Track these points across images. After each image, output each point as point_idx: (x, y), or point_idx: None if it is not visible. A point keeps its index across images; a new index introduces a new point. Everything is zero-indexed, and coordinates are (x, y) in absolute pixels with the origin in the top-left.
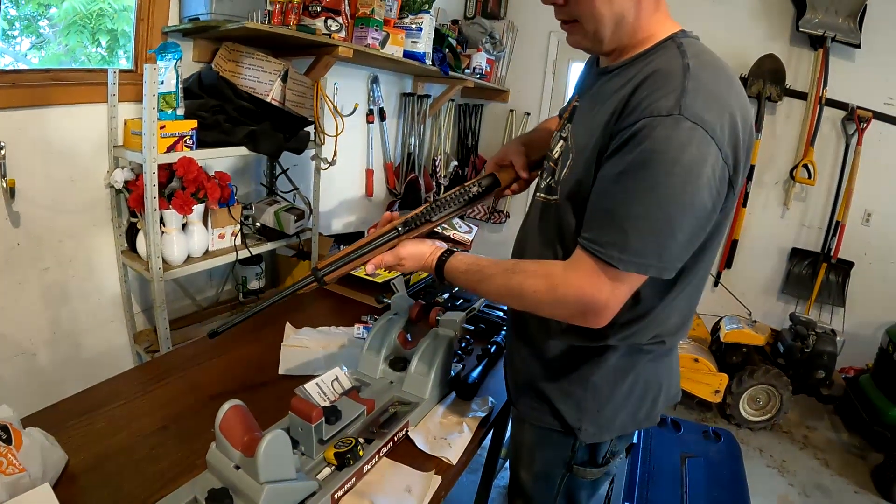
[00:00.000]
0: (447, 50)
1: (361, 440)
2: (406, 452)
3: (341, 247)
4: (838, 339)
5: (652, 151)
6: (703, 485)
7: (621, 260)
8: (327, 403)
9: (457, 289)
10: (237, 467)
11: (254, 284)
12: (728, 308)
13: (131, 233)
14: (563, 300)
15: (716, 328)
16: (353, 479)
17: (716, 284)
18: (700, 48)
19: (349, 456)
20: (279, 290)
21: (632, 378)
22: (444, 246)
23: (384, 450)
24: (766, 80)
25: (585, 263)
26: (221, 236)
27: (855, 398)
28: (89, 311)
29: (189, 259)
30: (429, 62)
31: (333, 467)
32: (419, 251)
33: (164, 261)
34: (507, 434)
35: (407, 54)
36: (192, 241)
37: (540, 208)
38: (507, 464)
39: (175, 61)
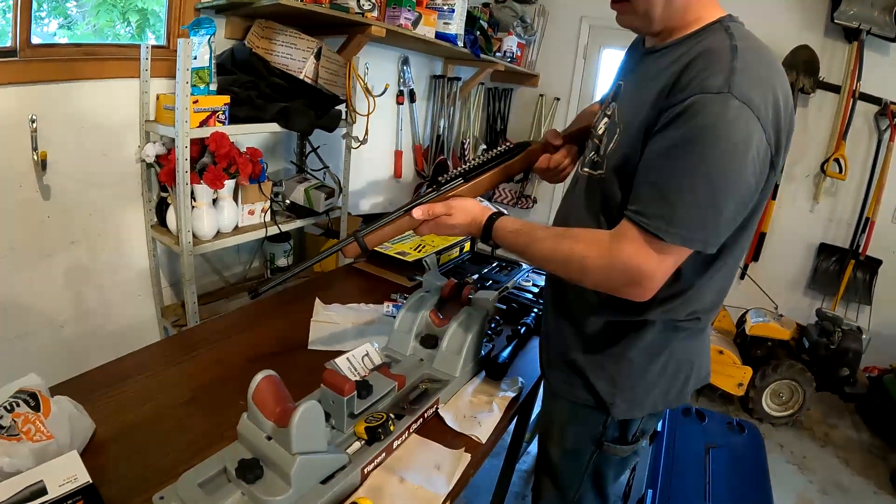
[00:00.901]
0: (478, 33)
1: (392, 416)
2: (435, 430)
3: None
4: (864, 336)
5: (702, 127)
6: (726, 475)
7: (668, 232)
8: (358, 378)
9: (487, 269)
10: (269, 438)
11: (282, 262)
12: (754, 301)
13: (161, 207)
14: (611, 268)
15: (741, 320)
16: (383, 454)
17: (742, 276)
18: (746, 32)
19: (380, 430)
20: (319, 252)
21: (666, 356)
22: (492, 208)
23: (414, 426)
24: (800, 71)
25: (633, 234)
26: (251, 212)
27: (878, 398)
28: (117, 285)
29: (219, 234)
30: (460, 44)
31: (363, 442)
32: (470, 204)
33: (193, 235)
34: (534, 415)
35: (439, 35)
36: (223, 217)
37: (585, 183)
38: (535, 441)
39: (209, 37)
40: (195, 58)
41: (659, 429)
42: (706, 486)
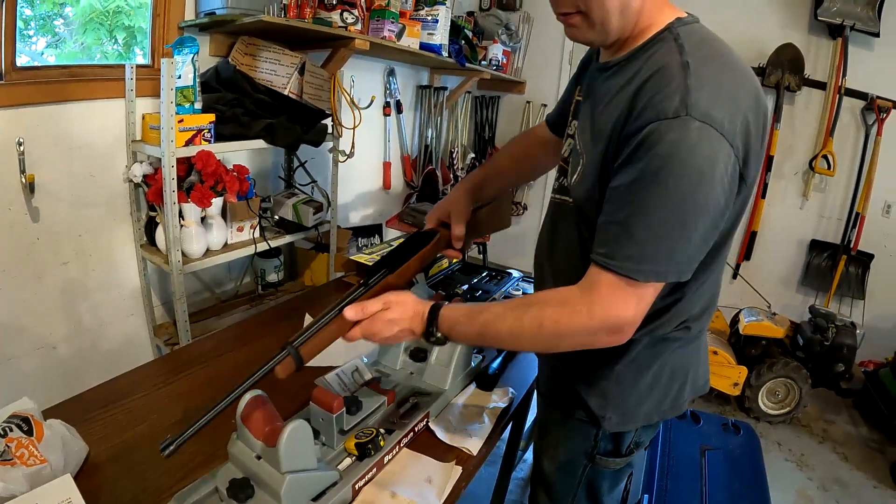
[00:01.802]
0: (463, 42)
1: (382, 431)
2: (427, 443)
3: (359, 239)
4: (858, 331)
5: (663, 157)
6: (723, 478)
7: (640, 272)
8: (348, 394)
9: (477, 279)
10: (258, 457)
11: (272, 277)
12: (747, 300)
13: (150, 227)
14: (589, 325)
15: (735, 320)
16: (374, 469)
17: (735, 276)
18: (699, 38)
19: (370, 446)
20: (252, 373)
21: (657, 367)
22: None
23: (405, 440)
24: (785, 69)
25: (605, 281)
26: (240, 229)
27: (874, 392)
28: (109, 305)
29: (208, 252)
30: (445, 54)
31: (354, 458)
32: (407, 297)
33: (183, 254)
34: (528, 424)
35: (423, 46)
36: (212, 235)
37: (555, 208)
38: (529, 454)
39: (192, 55)
40: (179, 77)
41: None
42: (703, 488)
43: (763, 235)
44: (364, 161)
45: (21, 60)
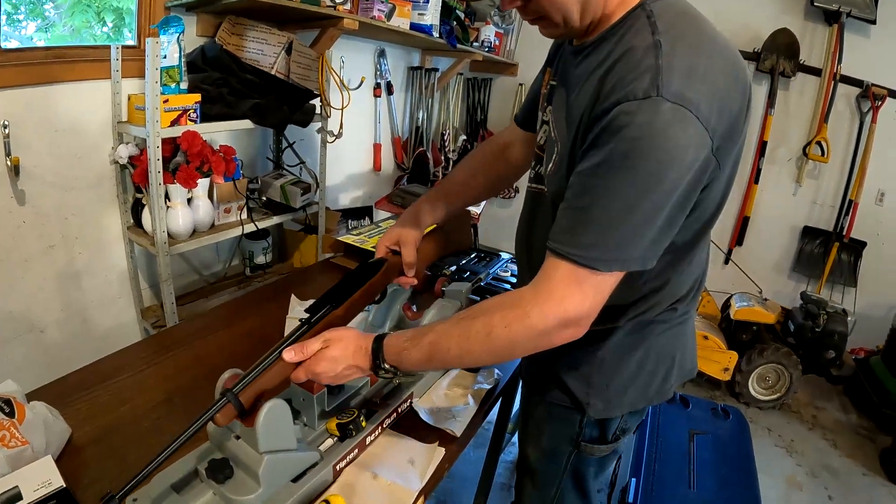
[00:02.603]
0: (455, 23)
1: (364, 411)
2: (410, 425)
3: (349, 221)
4: (849, 319)
5: (632, 139)
6: (711, 462)
7: (601, 260)
8: None
9: (465, 260)
10: (237, 437)
11: (260, 259)
12: (739, 285)
13: (137, 208)
14: (541, 324)
15: (726, 305)
16: (356, 450)
17: (726, 262)
18: (674, 13)
19: (351, 427)
20: (190, 423)
21: (642, 352)
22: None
23: (387, 421)
24: (780, 54)
25: (561, 272)
26: (227, 210)
27: (865, 380)
28: (97, 288)
29: (195, 233)
30: (436, 34)
31: (336, 438)
32: (347, 332)
33: (169, 235)
34: (515, 407)
35: (413, 26)
36: (198, 216)
37: (531, 198)
38: (516, 439)
39: (177, 35)
40: (164, 57)
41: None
42: (691, 473)
43: (755, 221)
44: (354, 143)
45: (10, 45)
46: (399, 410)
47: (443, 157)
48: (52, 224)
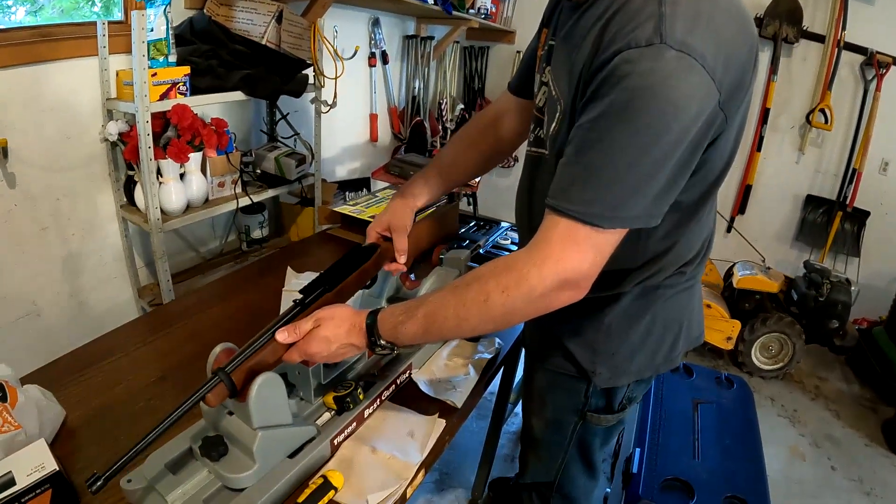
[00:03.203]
0: None
1: (362, 384)
2: (410, 396)
3: (347, 193)
4: (853, 288)
5: (634, 89)
6: (715, 431)
7: (603, 217)
8: None
9: (465, 228)
10: (230, 413)
11: (257, 233)
12: (741, 254)
13: (129, 186)
14: (540, 286)
15: (729, 274)
16: (354, 423)
17: (729, 230)
18: None
19: (349, 400)
20: (182, 402)
21: (649, 318)
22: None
23: (386, 393)
24: (783, 20)
25: (559, 231)
26: (221, 185)
27: (868, 350)
28: (92, 269)
29: (189, 209)
30: (430, 1)
31: (333, 412)
32: (340, 311)
33: (163, 211)
34: (517, 378)
35: None
36: (191, 190)
37: (531, 162)
38: (520, 410)
39: (164, 7)
40: (151, 30)
41: None
42: (695, 442)
43: (758, 189)
44: (350, 113)
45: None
46: (398, 382)
47: (440, 127)
48: (44, 206)
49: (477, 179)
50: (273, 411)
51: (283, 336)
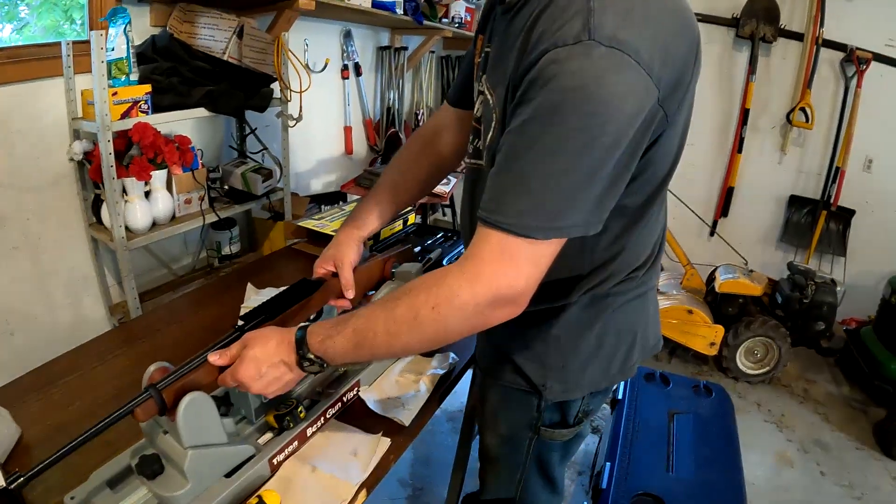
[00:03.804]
0: None
1: (306, 402)
2: (358, 414)
3: (323, 207)
4: (838, 289)
5: (564, 90)
6: (692, 442)
7: (540, 228)
8: None
9: (431, 240)
10: (165, 432)
11: (227, 249)
12: (724, 258)
13: (97, 204)
14: (472, 304)
15: (711, 278)
16: (295, 442)
17: (712, 234)
18: None
19: (288, 419)
20: (109, 414)
21: (599, 328)
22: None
23: (331, 412)
24: (760, 19)
25: (492, 245)
26: (188, 201)
27: (856, 351)
28: (64, 287)
29: (155, 226)
30: (400, 11)
31: (275, 431)
32: (266, 330)
33: (128, 229)
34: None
35: (376, 4)
36: (157, 208)
37: (470, 174)
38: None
39: (124, 26)
40: (112, 49)
41: (619, 396)
42: (669, 455)
43: (740, 191)
44: (324, 127)
45: None
46: (345, 400)
47: None
48: (13, 226)
49: (447, 189)
50: (204, 430)
51: (213, 358)
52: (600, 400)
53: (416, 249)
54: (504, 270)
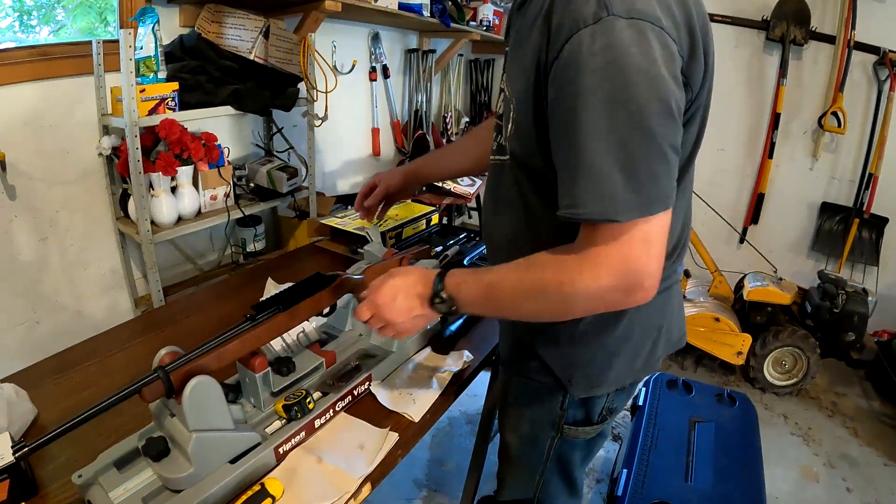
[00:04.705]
0: (449, 2)
1: (315, 393)
2: (368, 408)
3: (349, 207)
4: (870, 299)
5: (598, 70)
6: (712, 452)
7: (621, 210)
8: (288, 355)
9: (453, 240)
10: (172, 415)
11: (252, 246)
12: (754, 266)
13: (124, 199)
14: (596, 287)
15: (739, 286)
16: (303, 433)
17: (741, 241)
18: None
19: (297, 408)
20: (118, 390)
21: (625, 323)
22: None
23: (340, 404)
24: (790, 21)
25: (594, 236)
26: (213, 198)
27: (887, 364)
28: (90, 279)
29: (180, 221)
30: (427, 14)
31: (283, 420)
32: (409, 268)
33: (154, 223)
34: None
35: (402, 6)
36: (183, 203)
37: (494, 172)
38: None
39: (152, 25)
40: (141, 48)
41: (640, 402)
42: (688, 464)
43: (771, 198)
44: (351, 128)
45: None
46: (355, 393)
47: (444, 141)
48: (44, 217)
49: (472, 191)
50: (209, 415)
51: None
52: (624, 398)
53: (438, 249)
54: (620, 256)
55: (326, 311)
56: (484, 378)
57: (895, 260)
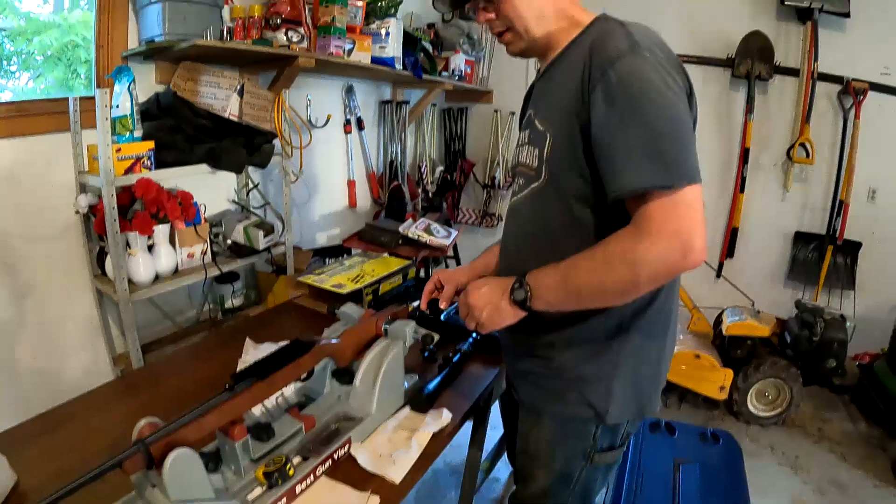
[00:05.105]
0: (421, 54)
1: (295, 458)
2: (349, 472)
3: (327, 260)
4: (848, 324)
5: (637, 80)
6: (698, 493)
7: (673, 176)
8: (268, 420)
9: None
10: (153, 486)
11: (230, 303)
12: (732, 300)
13: (101, 257)
14: (657, 251)
15: (718, 321)
16: (284, 499)
17: (718, 276)
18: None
19: (277, 475)
20: (99, 465)
21: (648, 345)
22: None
23: (321, 468)
24: (755, 58)
25: (648, 207)
26: (191, 255)
27: (870, 386)
28: (69, 336)
29: (158, 279)
30: (399, 67)
31: (264, 487)
32: (488, 277)
33: (131, 282)
34: (492, 444)
35: (375, 60)
36: (160, 262)
37: (520, 207)
38: (497, 473)
39: (128, 84)
40: (117, 106)
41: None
42: None
43: (745, 231)
44: (327, 180)
45: (5, 96)
46: (335, 457)
47: (420, 190)
48: (22, 274)
49: (448, 243)
50: (190, 485)
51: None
52: (639, 421)
53: (415, 304)
54: (672, 221)
55: (304, 376)
56: (465, 430)
57: (871, 283)
